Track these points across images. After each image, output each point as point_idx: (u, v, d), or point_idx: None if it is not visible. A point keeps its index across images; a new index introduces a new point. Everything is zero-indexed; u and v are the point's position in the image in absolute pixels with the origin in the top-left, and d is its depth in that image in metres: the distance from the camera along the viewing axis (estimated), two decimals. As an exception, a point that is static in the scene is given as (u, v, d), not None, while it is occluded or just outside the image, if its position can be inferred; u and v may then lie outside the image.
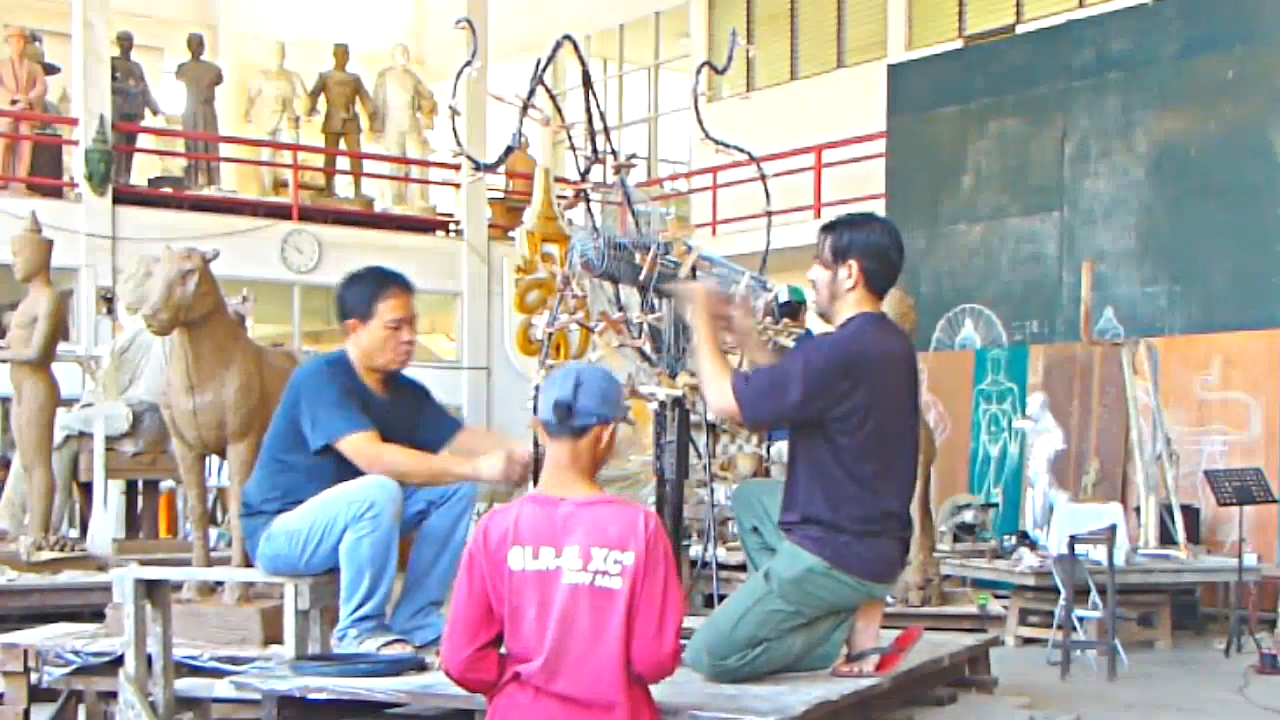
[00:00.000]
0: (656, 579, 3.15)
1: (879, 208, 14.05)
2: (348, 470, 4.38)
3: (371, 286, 4.56)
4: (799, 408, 4.04)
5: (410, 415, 4.66)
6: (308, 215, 15.97)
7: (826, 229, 4.30)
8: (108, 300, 13.66)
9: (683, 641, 3.52)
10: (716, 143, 5.69)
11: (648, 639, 3.15)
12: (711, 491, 5.97)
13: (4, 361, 8.41)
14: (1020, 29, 14.57)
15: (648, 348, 4.89)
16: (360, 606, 4.30)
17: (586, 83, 5.03)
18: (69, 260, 13.08)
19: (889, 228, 4.34)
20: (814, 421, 4.07)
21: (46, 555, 8.11)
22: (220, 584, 5.29)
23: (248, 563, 4.78)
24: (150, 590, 4.70)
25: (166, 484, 10.10)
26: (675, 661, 3.26)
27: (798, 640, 4.11)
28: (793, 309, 8.33)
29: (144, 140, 16.62)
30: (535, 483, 4.00)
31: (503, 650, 3.27)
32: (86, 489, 9.06)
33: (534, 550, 3.18)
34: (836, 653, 4.25)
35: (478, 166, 5.50)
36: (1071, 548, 7.96)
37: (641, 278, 4.79)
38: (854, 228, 4.24)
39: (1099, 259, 11.35)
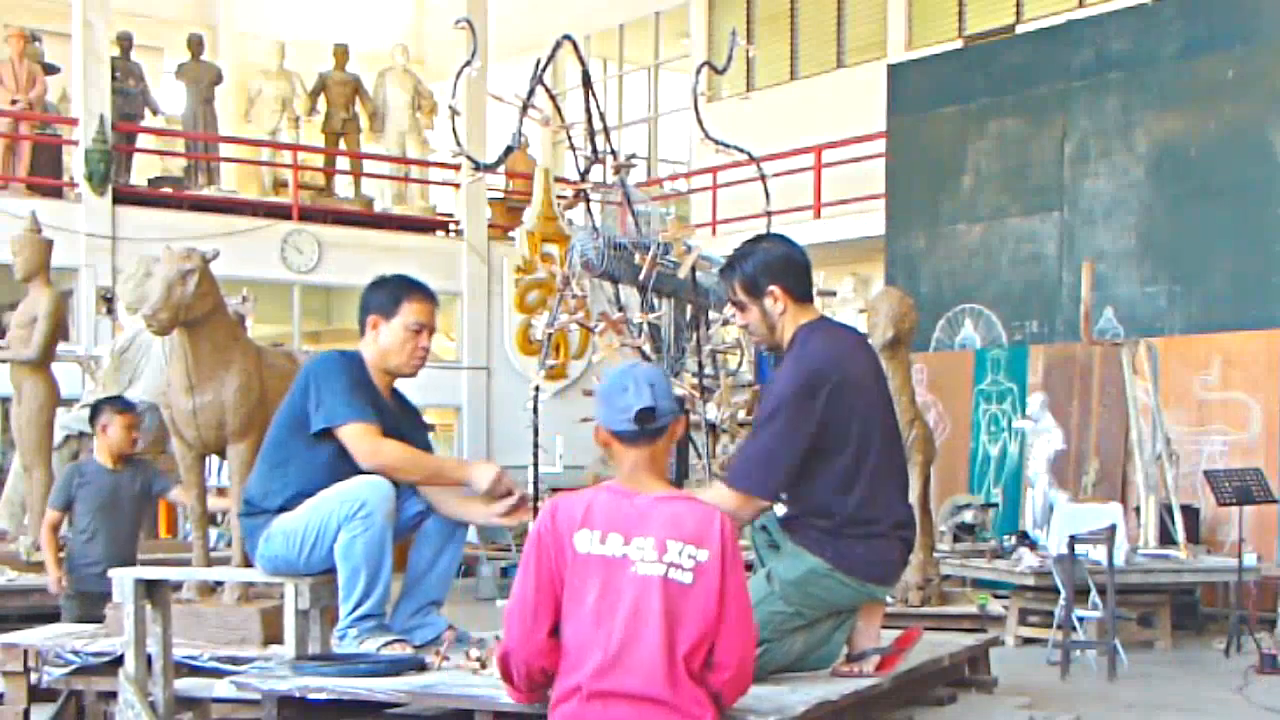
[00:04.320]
0: (739, 576, 3.17)
1: (879, 207, 14.08)
2: (347, 464, 4.37)
3: (399, 289, 4.57)
4: (797, 451, 3.99)
5: (406, 432, 4.65)
6: (308, 215, 15.97)
7: (725, 273, 4.24)
8: (108, 300, 13.65)
9: None
10: (716, 143, 5.70)
11: (739, 636, 3.16)
12: (712, 491, 5.97)
13: (4, 361, 8.41)
14: (1020, 29, 14.57)
15: (648, 348, 4.90)
16: (359, 606, 4.29)
17: (586, 83, 5.04)
18: (69, 260, 13.08)
19: (778, 238, 4.32)
20: (813, 447, 4.05)
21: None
22: (220, 584, 5.29)
23: (248, 563, 4.78)
24: (150, 590, 4.70)
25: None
26: (754, 664, 3.28)
27: (798, 641, 4.11)
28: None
29: (144, 140, 16.62)
30: (534, 515, 3.96)
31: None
32: (86, 489, 9.04)
33: (602, 535, 3.16)
34: (837, 653, 4.24)
35: (478, 166, 5.52)
36: (1071, 548, 7.96)
37: (641, 278, 4.80)
38: (751, 257, 4.17)
39: (1099, 259, 11.35)
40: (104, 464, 6.62)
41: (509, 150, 4.98)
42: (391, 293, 4.55)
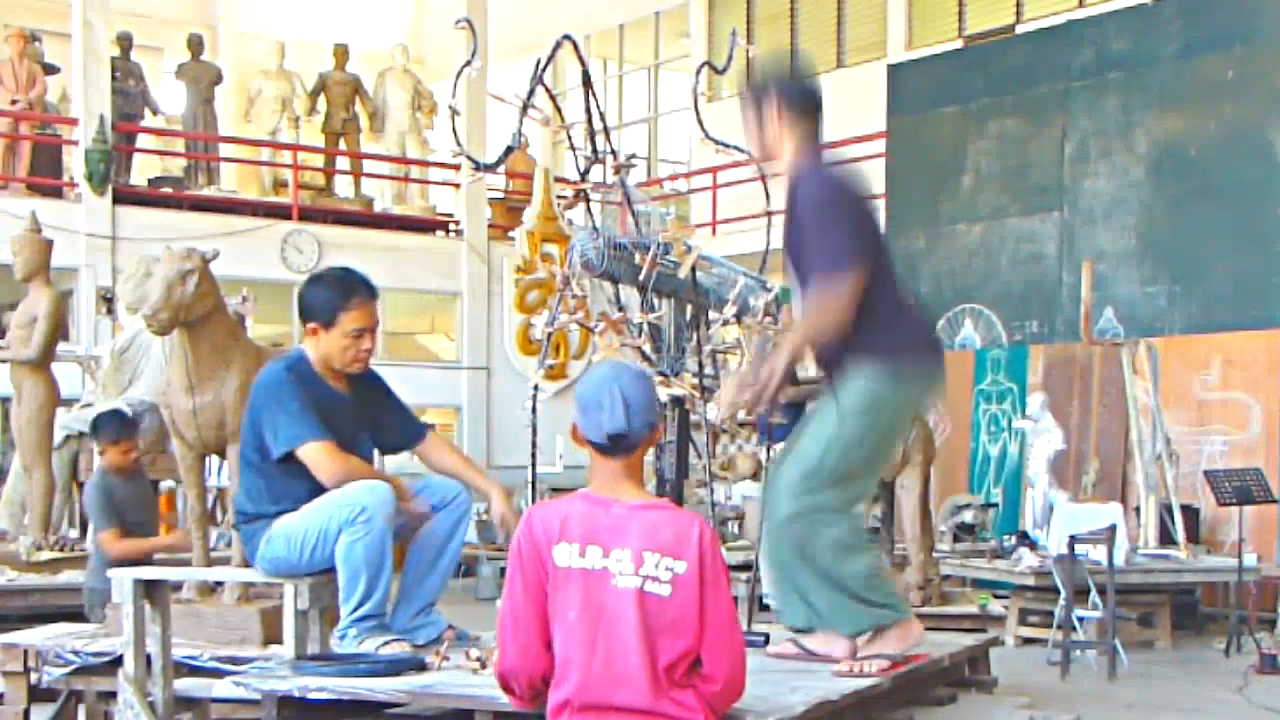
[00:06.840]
0: (721, 587, 3.12)
1: (879, 207, 14.06)
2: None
3: (336, 295, 4.47)
4: (852, 229, 4.06)
5: (375, 413, 4.64)
6: (308, 215, 15.97)
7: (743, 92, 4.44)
8: (108, 300, 13.65)
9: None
10: (716, 143, 5.70)
11: (724, 647, 3.13)
12: (711, 491, 5.98)
13: (4, 361, 8.41)
14: (1020, 29, 14.56)
15: (648, 348, 4.89)
16: (359, 607, 4.30)
17: (586, 83, 5.04)
18: (69, 260, 13.07)
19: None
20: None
21: (46, 555, 8.11)
22: (220, 584, 5.29)
23: (247, 563, 4.78)
24: (150, 590, 4.70)
25: (166, 484, 10.09)
26: (744, 673, 3.24)
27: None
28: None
29: (144, 140, 16.61)
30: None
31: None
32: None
33: (581, 548, 3.13)
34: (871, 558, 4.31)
35: (478, 166, 5.51)
36: (1071, 548, 7.96)
37: (641, 278, 4.80)
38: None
39: (1099, 259, 11.35)
40: (114, 476, 6.63)
41: (509, 150, 4.98)
42: (329, 300, 4.46)
